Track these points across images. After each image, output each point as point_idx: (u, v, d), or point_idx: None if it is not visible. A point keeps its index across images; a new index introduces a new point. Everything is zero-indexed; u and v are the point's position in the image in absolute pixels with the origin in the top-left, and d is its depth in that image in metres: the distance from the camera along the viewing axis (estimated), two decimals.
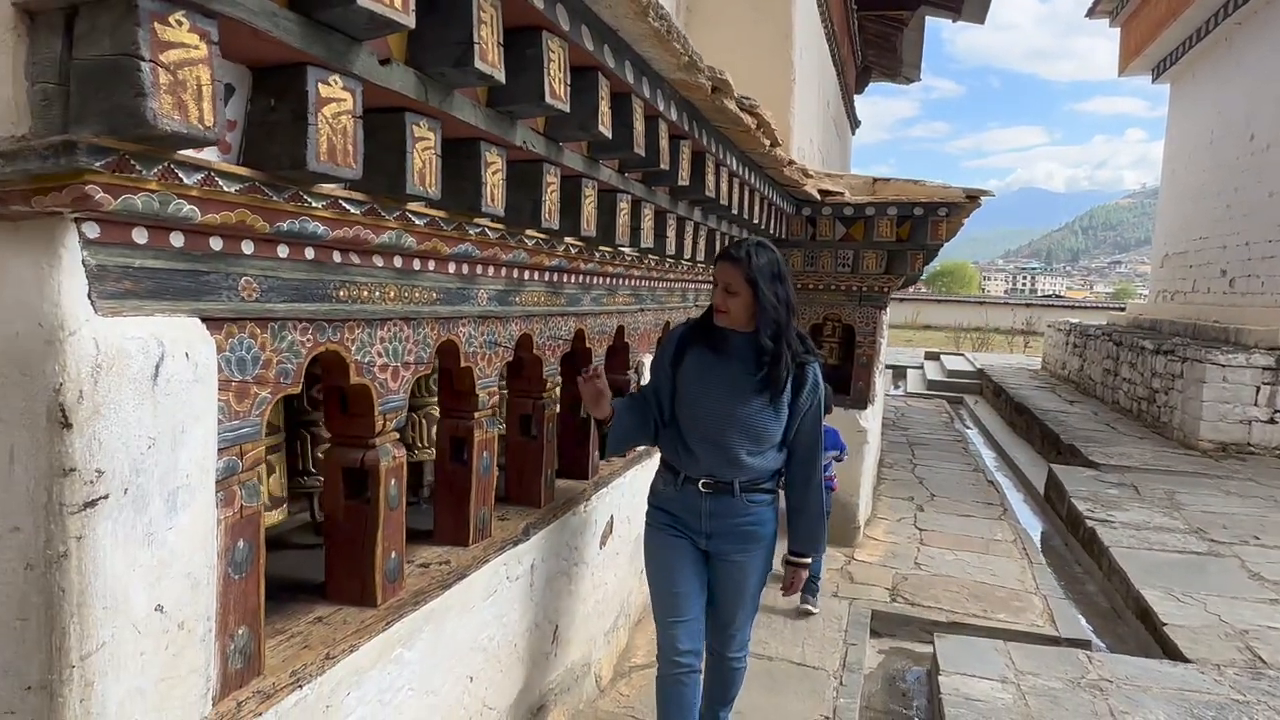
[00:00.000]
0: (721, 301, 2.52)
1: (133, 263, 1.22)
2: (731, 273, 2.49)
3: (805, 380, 2.58)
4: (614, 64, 2.09)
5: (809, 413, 2.63)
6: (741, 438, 2.57)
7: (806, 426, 2.65)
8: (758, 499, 2.67)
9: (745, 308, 2.50)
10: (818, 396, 2.62)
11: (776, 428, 2.59)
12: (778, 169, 4.09)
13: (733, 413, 2.55)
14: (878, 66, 16.97)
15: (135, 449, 1.21)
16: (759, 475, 2.65)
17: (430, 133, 1.64)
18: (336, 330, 1.70)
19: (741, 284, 2.47)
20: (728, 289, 2.50)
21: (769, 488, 2.70)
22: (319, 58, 1.29)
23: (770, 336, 2.48)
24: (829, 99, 9.73)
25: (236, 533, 1.47)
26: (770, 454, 2.64)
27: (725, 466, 2.62)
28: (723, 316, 2.54)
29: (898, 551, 5.98)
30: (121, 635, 1.22)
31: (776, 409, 2.56)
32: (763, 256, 2.49)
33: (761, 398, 2.53)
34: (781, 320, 2.49)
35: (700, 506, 2.67)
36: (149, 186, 1.17)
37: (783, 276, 2.52)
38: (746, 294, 2.47)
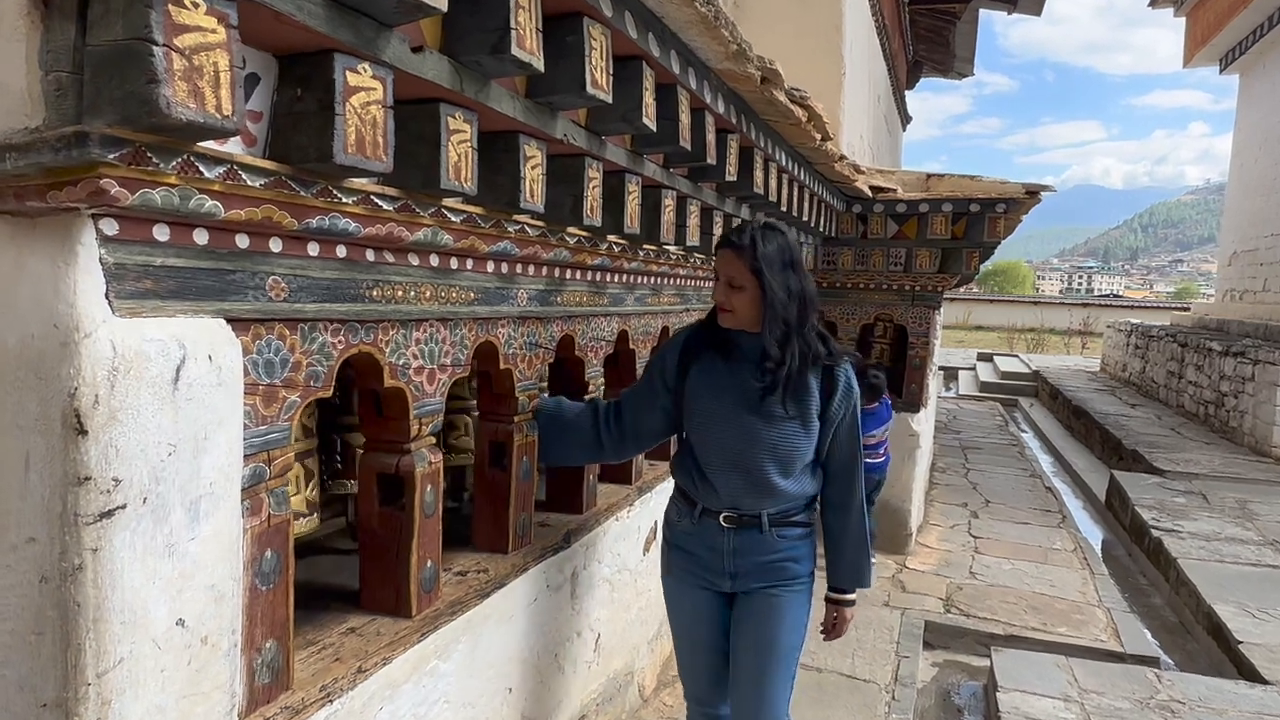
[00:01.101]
0: (724, 298, 2.12)
1: (153, 261, 1.16)
2: (734, 263, 2.09)
3: (835, 387, 2.17)
4: (659, 52, 2.00)
5: (843, 423, 2.23)
6: (768, 460, 2.15)
7: (841, 440, 2.24)
8: (790, 533, 2.24)
9: (753, 304, 2.09)
10: (851, 404, 2.22)
11: (807, 445, 2.18)
12: (828, 164, 3.96)
13: (754, 431, 2.15)
14: (929, 61, 16.62)
15: (155, 456, 1.15)
16: (791, 504, 2.23)
17: (466, 125, 1.57)
18: (370, 331, 1.64)
19: (746, 276, 2.07)
20: (731, 283, 2.10)
21: (803, 519, 2.28)
22: (347, 44, 1.22)
23: (778, 339, 2.07)
24: (879, 94, 9.52)
25: (264, 542, 1.41)
26: (803, 477, 2.23)
27: (751, 496, 2.21)
28: (727, 316, 2.15)
29: (951, 560, 5.79)
30: (141, 651, 1.17)
31: (805, 423, 2.15)
32: (770, 242, 2.08)
33: (785, 411, 2.13)
34: (792, 319, 2.08)
35: (722, 544, 2.25)
36: (168, 181, 1.11)
37: (795, 264, 2.12)
38: (753, 288, 2.07)
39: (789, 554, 2.25)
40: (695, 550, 2.31)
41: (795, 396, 2.11)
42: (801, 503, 2.26)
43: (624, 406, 2.38)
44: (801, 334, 2.09)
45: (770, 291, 2.05)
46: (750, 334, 2.14)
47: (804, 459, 2.19)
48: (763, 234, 2.09)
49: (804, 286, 2.12)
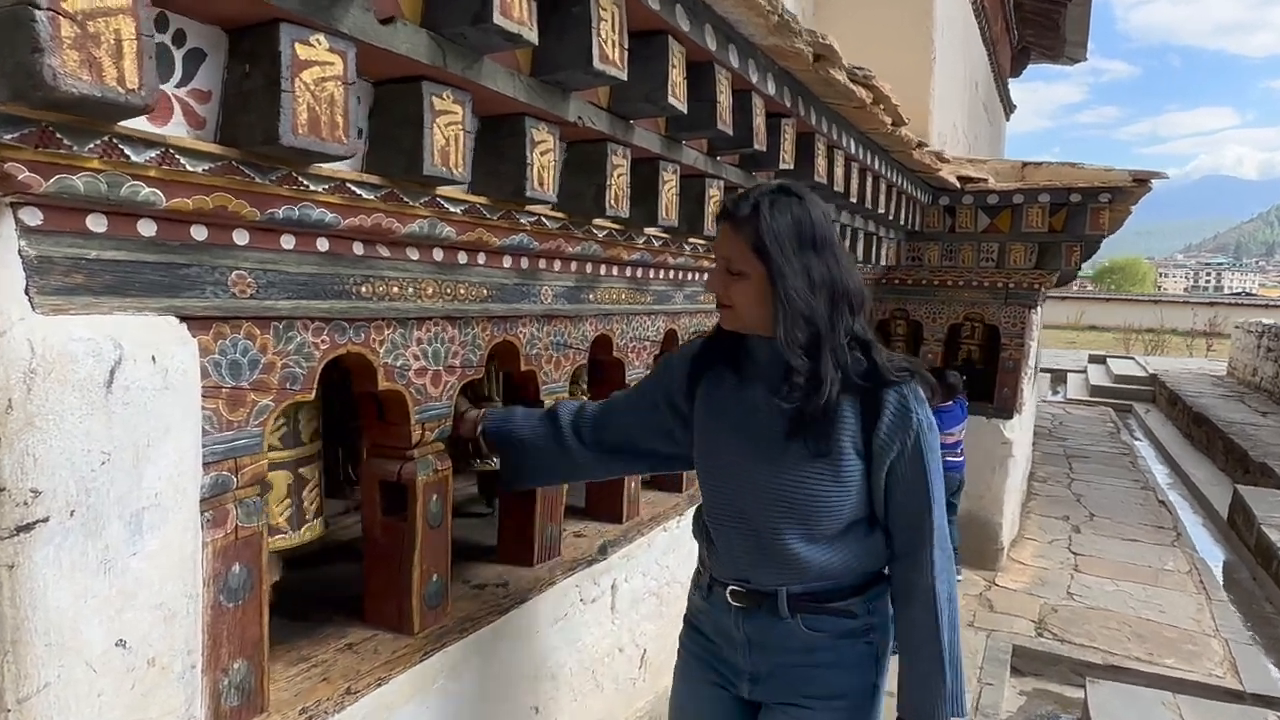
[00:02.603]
0: (721, 288, 1.54)
1: (86, 254, 1.07)
2: (731, 240, 1.51)
3: (881, 409, 1.50)
4: (689, 26, 1.83)
5: (902, 463, 1.52)
6: (781, 517, 1.54)
7: (902, 488, 1.54)
8: (827, 625, 1.58)
9: (758, 297, 1.49)
10: (913, 436, 1.51)
11: (840, 496, 1.51)
12: (905, 152, 3.68)
13: (761, 474, 1.55)
14: (1037, 47, 15.72)
15: (84, 466, 1.06)
16: (828, 583, 1.58)
17: (457, 105, 1.44)
18: (360, 331, 1.53)
19: (748, 258, 1.48)
20: (729, 267, 1.52)
21: (848, 606, 1.59)
22: (294, 13, 1.11)
23: (803, 346, 1.46)
24: (977, 81, 9.01)
25: (230, 556, 1.32)
26: (845, 544, 1.57)
27: (763, 565, 1.59)
28: (726, 314, 1.57)
29: (1047, 578, 5.37)
30: (71, 675, 1.08)
31: (836, 465, 1.50)
32: (782, 211, 1.48)
33: (805, 447, 1.51)
34: (820, 316, 1.47)
35: (732, 630, 1.65)
36: (89, 165, 1.01)
37: (822, 243, 1.49)
38: (758, 275, 1.48)
39: (827, 657, 1.60)
40: (709, 633, 1.72)
41: (820, 427, 1.49)
42: (847, 581, 1.59)
43: (612, 414, 1.84)
44: (834, 339, 1.49)
45: (782, 280, 1.46)
46: (766, 340, 1.53)
47: (837, 516, 1.53)
48: (771, 200, 1.49)
49: (835, 275, 1.50)
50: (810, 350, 1.47)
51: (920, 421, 1.52)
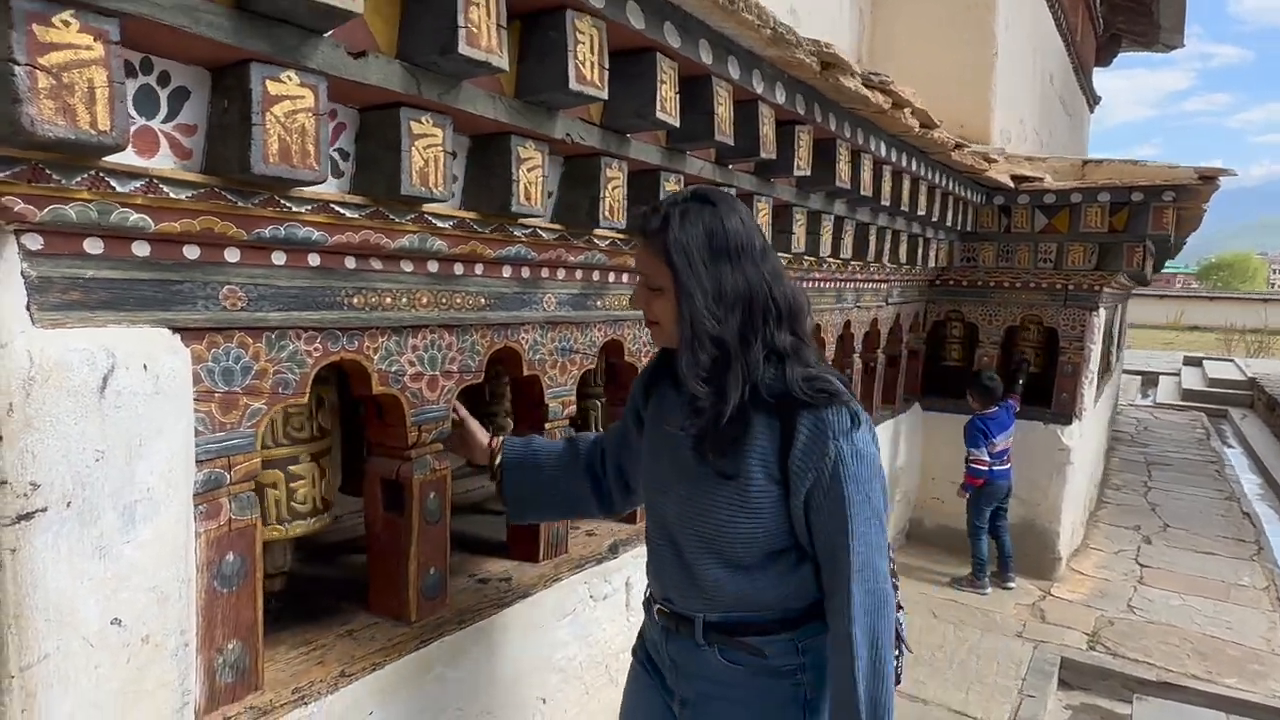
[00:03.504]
0: (645, 305, 1.50)
1: (83, 274, 1.21)
2: (646, 256, 1.46)
3: (795, 432, 1.39)
4: (680, 43, 1.88)
5: (818, 492, 1.39)
6: (699, 542, 1.48)
7: (820, 518, 1.41)
8: (742, 659, 1.50)
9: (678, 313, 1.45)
10: (830, 463, 1.37)
11: (750, 524, 1.43)
12: (944, 154, 3.63)
13: (682, 497, 1.50)
14: (1128, 34, 15.05)
15: (79, 462, 1.19)
16: (746, 614, 1.49)
17: (437, 129, 1.53)
18: (354, 339, 1.64)
19: (662, 272, 1.42)
20: (649, 284, 1.47)
21: (761, 644, 1.49)
22: (263, 53, 1.21)
23: (704, 368, 1.40)
24: (1051, 74, 8.71)
25: (224, 546, 1.44)
26: (766, 574, 1.47)
27: (684, 589, 1.54)
28: (655, 332, 1.52)
29: (1108, 590, 5.19)
30: (69, 648, 1.21)
31: (743, 490, 1.41)
32: (693, 221, 1.40)
33: (716, 469, 1.43)
34: (730, 331, 1.39)
35: (662, 649, 1.63)
36: (79, 196, 1.14)
37: (736, 251, 1.41)
38: (673, 289, 1.43)
39: (744, 694, 1.51)
40: (648, 646, 1.72)
41: (730, 447, 1.42)
42: (771, 615, 1.49)
43: (606, 448, 1.81)
44: (746, 357, 1.41)
45: (687, 299, 1.39)
46: None
47: (750, 544, 1.44)
48: (682, 211, 1.41)
49: (754, 284, 1.41)
50: (716, 370, 1.41)
51: (840, 450, 1.37)
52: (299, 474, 1.75)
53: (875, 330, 4.72)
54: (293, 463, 1.75)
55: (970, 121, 6.10)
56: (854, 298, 4.24)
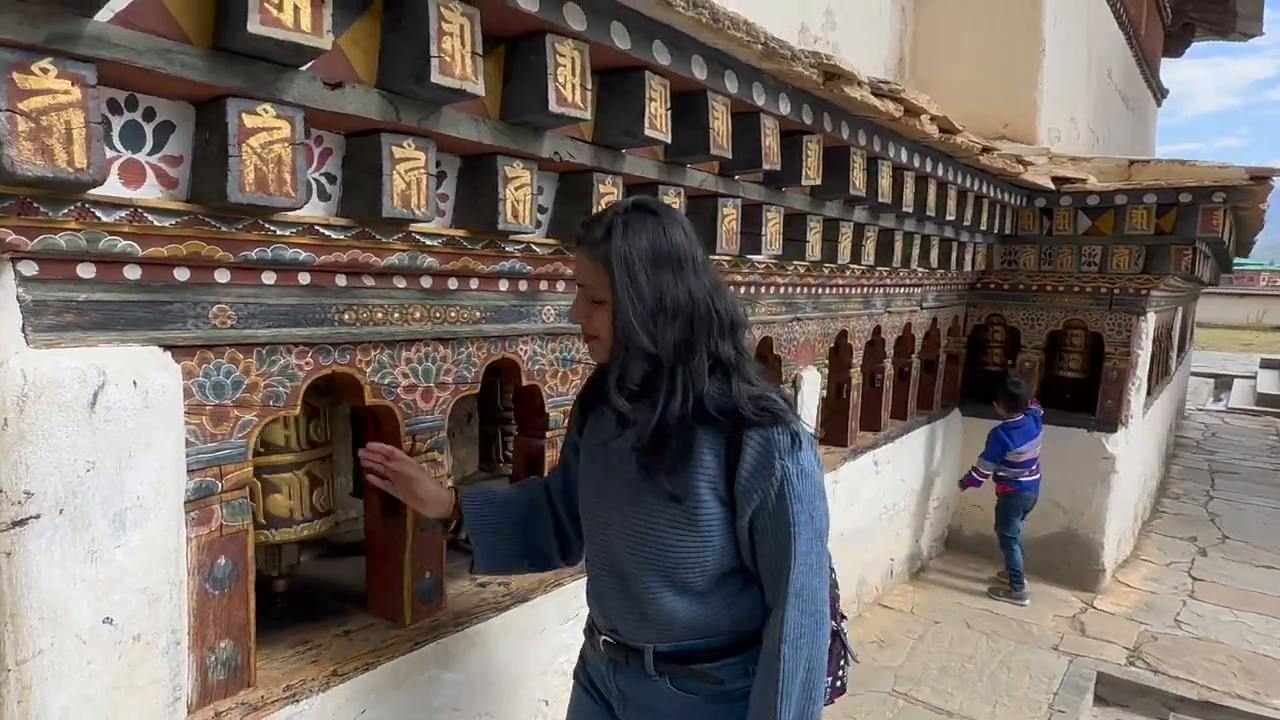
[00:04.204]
0: (585, 318, 1.47)
1: (76, 297, 1.30)
2: (588, 266, 1.43)
3: (743, 453, 1.37)
4: (670, 60, 1.91)
5: (764, 513, 1.39)
6: (643, 565, 1.45)
7: (765, 539, 1.40)
8: (696, 688, 1.48)
9: None
10: (776, 484, 1.37)
11: (698, 546, 1.41)
12: (970, 158, 3.57)
13: (626, 521, 1.47)
14: (1202, 23, 14.47)
15: (71, 472, 1.28)
16: (697, 641, 1.47)
17: (419, 152, 1.59)
18: (345, 353, 1.71)
19: (603, 283, 1.39)
20: (590, 296, 1.44)
21: (714, 670, 1.47)
22: (239, 88, 1.29)
23: (636, 382, 1.39)
24: (1110, 68, 8.43)
25: (216, 550, 1.53)
26: (715, 598, 1.45)
27: (631, 618, 1.51)
28: (594, 347, 1.49)
29: (1155, 604, 5.03)
30: (63, 645, 1.31)
31: (691, 511, 1.39)
32: (637, 232, 1.38)
33: (663, 490, 1.41)
34: (666, 345, 1.37)
35: (607, 680, 1.60)
36: (68, 226, 1.23)
37: (680, 263, 1.39)
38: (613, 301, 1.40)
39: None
40: (592, 674, 1.67)
41: (678, 465, 1.39)
42: (721, 640, 1.47)
43: (552, 488, 1.75)
44: (689, 368, 1.38)
45: (621, 306, 1.36)
46: None
47: (699, 567, 1.42)
48: (625, 221, 1.39)
49: (696, 297, 1.38)
50: (648, 384, 1.39)
51: (787, 470, 1.36)
52: (287, 483, 1.83)
53: (909, 335, 4.67)
54: (282, 471, 1.82)
55: (1016, 121, 5.98)
56: (883, 303, 4.19)
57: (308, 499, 1.86)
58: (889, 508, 4.69)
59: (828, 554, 1.46)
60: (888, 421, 4.56)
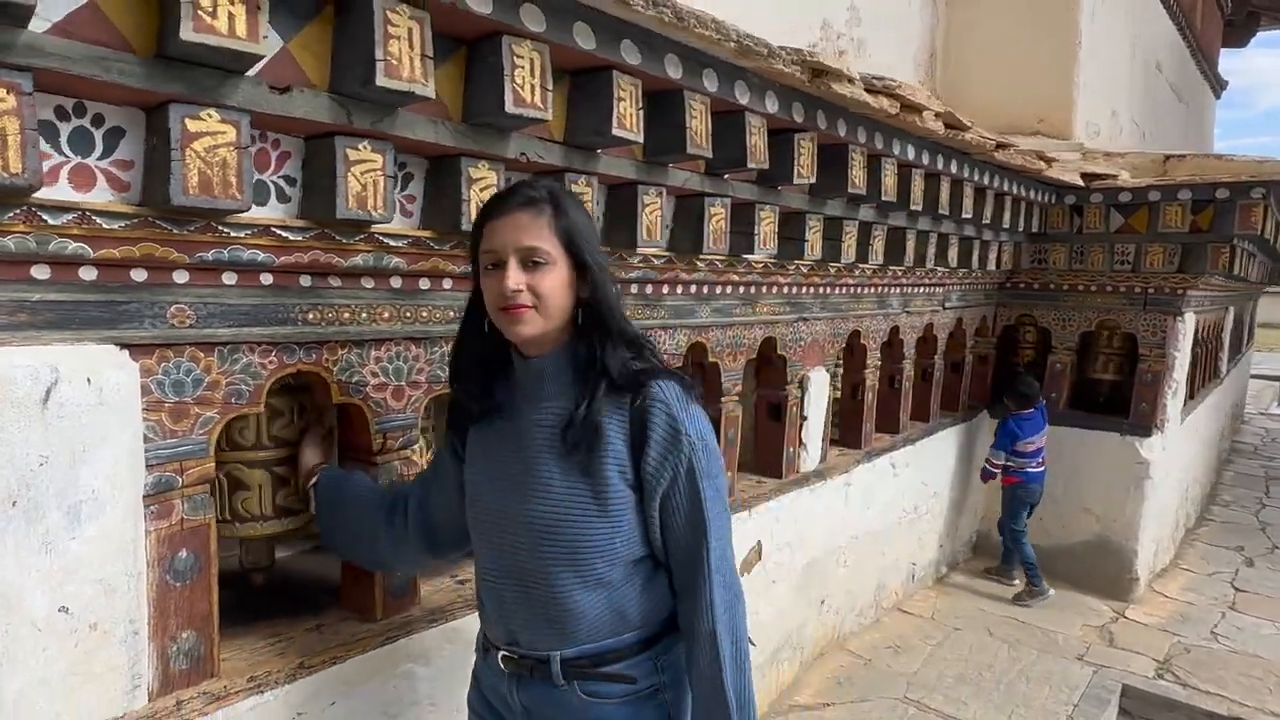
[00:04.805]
0: (524, 284, 1.35)
1: (30, 297, 1.34)
2: (531, 228, 1.35)
3: (650, 431, 1.36)
4: (640, 59, 1.91)
5: (675, 492, 1.38)
6: (552, 557, 1.40)
7: (677, 518, 1.39)
8: (606, 690, 1.44)
9: (566, 289, 1.39)
10: (685, 460, 1.37)
11: (609, 531, 1.38)
12: (985, 155, 3.49)
13: (528, 511, 1.41)
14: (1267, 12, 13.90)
15: (24, 466, 1.33)
16: (604, 642, 1.43)
17: (377, 155, 1.62)
18: (311, 352, 1.74)
19: (557, 246, 1.37)
20: (532, 258, 1.35)
21: (627, 670, 1.44)
22: (181, 94, 1.32)
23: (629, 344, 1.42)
24: (1158, 61, 8.16)
25: (177, 543, 1.57)
26: (622, 589, 1.42)
27: (534, 625, 1.45)
28: (528, 316, 1.36)
29: (1191, 614, 4.86)
30: (18, 632, 1.35)
31: (600, 493, 1.37)
32: (577, 204, 1.43)
33: (563, 472, 1.39)
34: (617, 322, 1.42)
35: (509, 698, 1.51)
36: (16, 229, 1.27)
37: (598, 238, 1.49)
38: (565, 268, 1.37)
39: None
40: (490, 697, 1.58)
41: (595, 440, 1.37)
42: (630, 638, 1.44)
43: (412, 489, 1.70)
44: (614, 344, 1.40)
45: (603, 283, 1.40)
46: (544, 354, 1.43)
47: (608, 554, 1.39)
48: (559, 190, 1.43)
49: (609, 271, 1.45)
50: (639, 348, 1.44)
51: (693, 442, 1.37)
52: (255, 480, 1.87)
53: (930, 335, 4.58)
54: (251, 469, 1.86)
55: (1051, 115, 5.83)
56: (900, 303, 4.12)
57: (270, 498, 1.89)
58: (909, 511, 4.61)
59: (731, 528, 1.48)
60: (907, 424, 4.48)
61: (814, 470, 3.64)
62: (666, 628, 1.47)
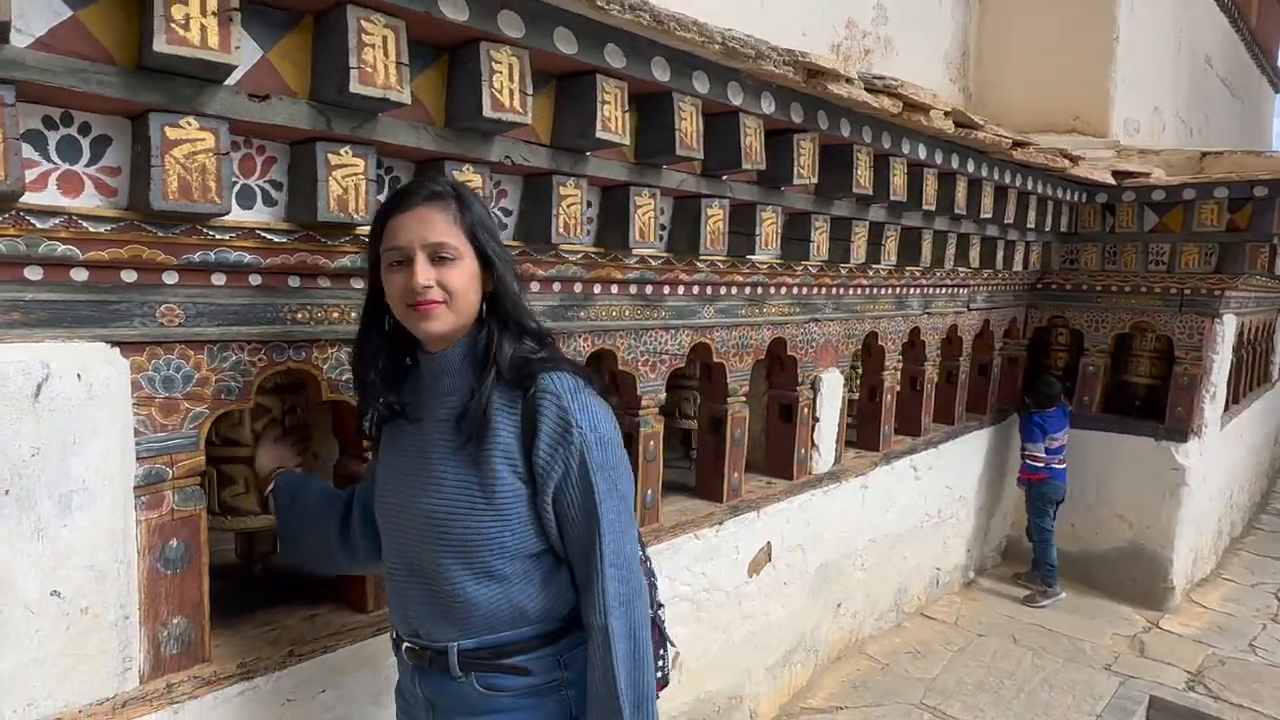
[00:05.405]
0: (427, 282, 1.35)
1: (23, 296, 1.42)
2: (436, 222, 1.37)
3: (539, 423, 1.36)
4: (625, 63, 1.93)
5: (568, 485, 1.37)
6: (445, 552, 1.40)
7: (572, 512, 1.38)
8: (505, 683, 1.43)
9: (473, 284, 1.41)
10: (577, 452, 1.36)
11: (499, 526, 1.38)
12: (1002, 153, 3.44)
13: (424, 506, 1.42)
14: None
15: (16, 456, 1.41)
16: (503, 634, 1.43)
17: (358, 159, 1.67)
18: (301, 350, 1.81)
19: (463, 240, 1.38)
20: (439, 252, 1.36)
21: (524, 663, 1.43)
22: (160, 104, 1.38)
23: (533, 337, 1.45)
24: (1208, 55, 7.92)
25: (168, 533, 1.64)
26: (519, 584, 1.41)
27: (433, 617, 1.46)
28: (439, 312, 1.38)
29: (1229, 626, 4.71)
30: (10, 613, 1.43)
31: (489, 489, 1.37)
32: (479, 201, 1.46)
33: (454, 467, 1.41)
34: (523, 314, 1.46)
35: (414, 689, 1.53)
36: (6, 233, 1.35)
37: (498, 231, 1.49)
38: (472, 262, 1.40)
39: (512, 719, 1.44)
40: (407, 695, 1.59)
41: (484, 429, 1.38)
42: (529, 632, 1.43)
43: (355, 494, 1.71)
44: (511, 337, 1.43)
45: (506, 277, 1.42)
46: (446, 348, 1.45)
47: (500, 549, 1.38)
48: (466, 189, 1.46)
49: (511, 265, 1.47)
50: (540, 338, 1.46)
51: (584, 434, 1.35)
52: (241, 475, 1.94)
53: (955, 337, 4.52)
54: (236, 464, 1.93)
55: (1087, 112, 5.71)
56: (920, 304, 4.08)
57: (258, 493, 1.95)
58: (932, 515, 4.55)
59: (635, 521, 1.47)
60: (929, 426, 4.42)
61: (827, 472, 3.62)
62: (572, 624, 1.45)
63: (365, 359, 1.53)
